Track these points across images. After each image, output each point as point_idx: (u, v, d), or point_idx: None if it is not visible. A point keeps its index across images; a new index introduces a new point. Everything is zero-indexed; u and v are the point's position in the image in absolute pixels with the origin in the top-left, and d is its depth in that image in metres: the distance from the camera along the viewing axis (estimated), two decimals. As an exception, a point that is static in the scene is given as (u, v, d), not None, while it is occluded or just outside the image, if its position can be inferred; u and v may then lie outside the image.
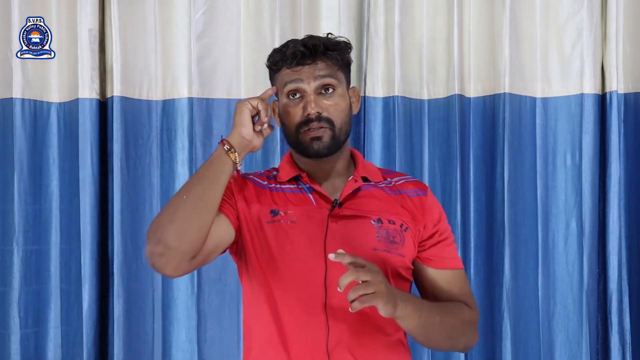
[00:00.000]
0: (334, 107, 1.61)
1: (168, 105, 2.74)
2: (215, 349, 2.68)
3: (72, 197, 2.70)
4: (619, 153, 2.69)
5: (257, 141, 1.57)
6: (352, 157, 1.75)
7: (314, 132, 1.59)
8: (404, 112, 2.73)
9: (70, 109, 2.72)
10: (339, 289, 1.37)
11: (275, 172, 1.72)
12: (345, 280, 1.37)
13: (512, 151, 2.72)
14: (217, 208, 1.54)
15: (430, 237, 1.66)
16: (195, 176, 1.55)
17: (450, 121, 2.73)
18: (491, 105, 2.75)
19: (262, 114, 1.55)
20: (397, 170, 2.68)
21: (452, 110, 2.72)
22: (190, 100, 2.72)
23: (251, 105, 1.54)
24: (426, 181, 2.72)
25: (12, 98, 2.71)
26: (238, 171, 1.63)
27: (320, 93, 1.61)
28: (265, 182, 1.68)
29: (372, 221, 1.60)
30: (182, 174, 2.73)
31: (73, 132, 2.71)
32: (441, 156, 2.74)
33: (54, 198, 2.72)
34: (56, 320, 2.70)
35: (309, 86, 1.60)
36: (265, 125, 1.57)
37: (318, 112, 1.59)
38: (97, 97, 2.70)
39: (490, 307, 2.72)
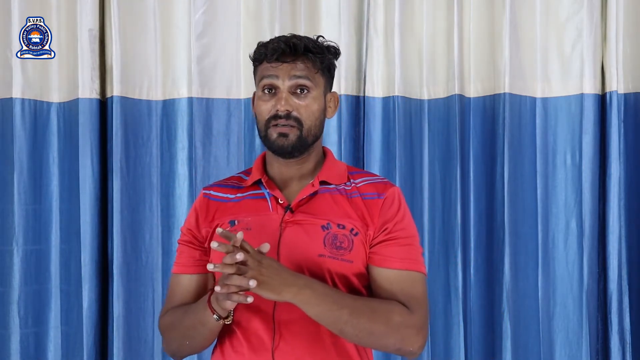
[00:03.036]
0: (304, 107, 1.61)
1: (168, 105, 2.74)
2: (215, 349, 2.68)
3: (72, 197, 2.70)
4: (619, 153, 2.69)
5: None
6: (324, 157, 1.74)
7: (281, 128, 1.60)
8: (404, 112, 2.73)
9: (70, 108, 2.72)
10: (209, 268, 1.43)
11: (246, 177, 1.73)
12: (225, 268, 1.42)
13: (512, 151, 2.72)
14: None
15: (376, 237, 1.63)
16: (191, 327, 1.58)
17: (450, 121, 2.73)
18: (491, 105, 2.76)
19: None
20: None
21: (452, 110, 2.72)
22: (190, 100, 2.72)
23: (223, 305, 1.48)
24: (426, 181, 2.72)
25: (12, 98, 2.71)
26: (203, 192, 1.71)
27: (294, 92, 1.62)
28: (228, 195, 1.69)
29: (321, 226, 1.60)
30: (182, 174, 2.73)
31: (73, 132, 2.71)
32: (441, 156, 2.74)
33: (54, 198, 2.72)
34: (56, 321, 2.70)
35: (284, 84, 1.61)
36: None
37: (288, 111, 1.60)
38: (97, 97, 2.70)
39: (490, 307, 2.72)
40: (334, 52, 1.69)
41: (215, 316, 1.51)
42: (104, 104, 2.74)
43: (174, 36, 2.75)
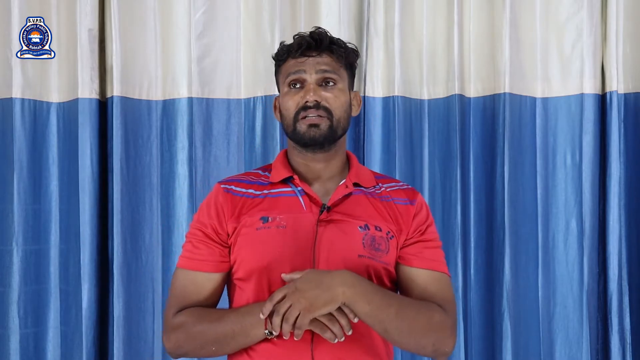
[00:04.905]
0: (333, 98, 1.62)
1: (168, 105, 2.74)
2: (215, 349, 2.67)
3: (72, 197, 2.70)
4: (619, 153, 2.69)
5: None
6: (348, 160, 1.74)
7: (312, 119, 1.60)
8: (404, 112, 2.73)
9: (70, 108, 2.72)
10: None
11: (267, 173, 1.70)
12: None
13: (512, 151, 2.72)
14: None
15: (411, 238, 1.65)
16: (228, 336, 1.52)
17: (450, 121, 2.73)
18: (491, 105, 2.76)
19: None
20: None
21: (452, 110, 2.72)
22: (190, 100, 2.72)
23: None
24: (426, 181, 2.72)
25: (12, 98, 2.70)
26: (223, 187, 1.66)
27: (321, 85, 1.63)
28: (251, 191, 1.66)
29: (358, 227, 1.60)
30: (182, 174, 2.73)
31: (73, 132, 2.71)
32: (441, 156, 2.74)
33: (54, 198, 2.72)
34: (55, 321, 2.69)
35: (311, 77, 1.62)
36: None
37: (317, 101, 1.60)
38: (97, 97, 2.70)
39: (490, 307, 2.72)
40: (355, 52, 1.71)
41: (266, 331, 1.48)
42: (103, 104, 2.73)
43: (174, 36, 2.75)
